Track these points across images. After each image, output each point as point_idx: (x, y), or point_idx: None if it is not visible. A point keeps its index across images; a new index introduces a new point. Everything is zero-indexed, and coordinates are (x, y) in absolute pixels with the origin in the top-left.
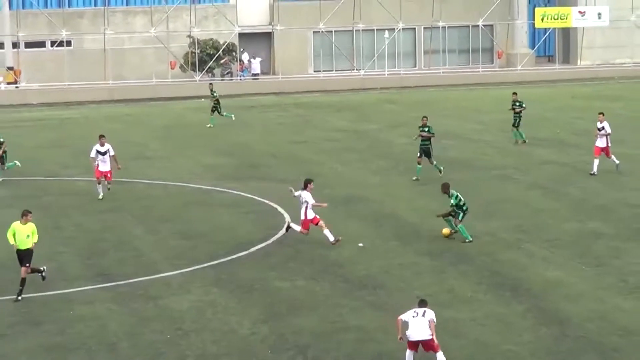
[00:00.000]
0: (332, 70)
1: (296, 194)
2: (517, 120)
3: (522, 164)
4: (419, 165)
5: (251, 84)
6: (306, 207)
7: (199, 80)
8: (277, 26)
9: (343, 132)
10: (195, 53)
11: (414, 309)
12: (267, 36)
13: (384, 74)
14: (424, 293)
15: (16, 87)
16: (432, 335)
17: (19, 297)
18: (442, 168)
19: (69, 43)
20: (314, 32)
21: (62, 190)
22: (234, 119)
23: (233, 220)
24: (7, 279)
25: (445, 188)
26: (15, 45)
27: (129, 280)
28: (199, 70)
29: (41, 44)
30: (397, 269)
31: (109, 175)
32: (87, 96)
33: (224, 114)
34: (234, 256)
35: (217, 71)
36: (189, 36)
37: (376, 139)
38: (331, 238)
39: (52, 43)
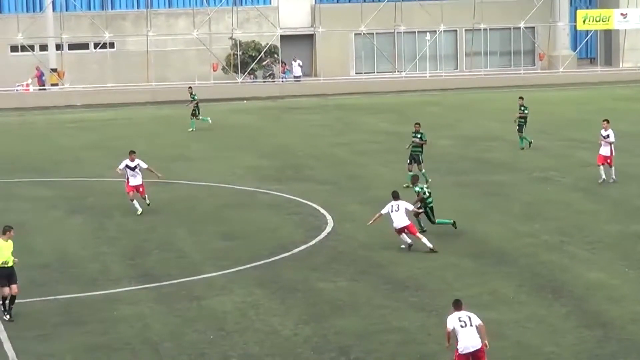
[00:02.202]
0: (374, 72)
1: (384, 211)
2: (522, 125)
3: (563, 166)
4: (409, 172)
5: (293, 86)
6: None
7: (241, 82)
8: (319, 28)
9: (384, 134)
10: (237, 55)
11: (457, 314)
12: (309, 38)
13: (426, 76)
14: (466, 294)
15: (60, 88)
16: (485, 341)
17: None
18: (429, 179)
19: (112, 45)
20: (355, 34)
21: (106, 191)
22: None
23: (275, 222)
24: (52, 278)
25: (415, 180)
26: (58, 47)
27: (172, 281)
28: (240, 72)
29: (84, 46)
30: (439, 271)
31: (141, 189)
32: (130, 98)
33: (201, 117)
34: (277, 257)
35: (259, 73)
36: (231, 38)
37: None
38: (429, 245)
39: (95, 45)
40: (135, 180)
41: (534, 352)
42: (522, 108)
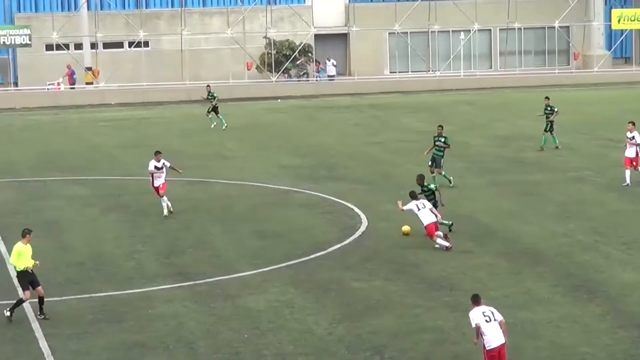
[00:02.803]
0: (408, 72)
1: (405, 208)
2: (550, 125)
3: (598, 166)
4: (432, 175)
5: (327, 85)
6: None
7: (275, 81)
8: (353, 27)
9: (419, 133)
10: (271, 54)
11: (479, 309)
12: (343, 37)
13: (460, 75)
14: (500, 294)
15: (95, 87)
16: (505, 338)
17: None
18: (451, 178)
19: (146, 44)
20: (389, 33)
21: (141, 190)
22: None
23: (310, 221)
24: (87, 276)
25: (421, 179)
26: (93, 45)
27: (207, 280)
28: (275, 71)
29: (119, 45)
30: (473, 270)
31: (161, 186)
32: (165, 96)
33: (219, 117)
34: (311, 256)
35: (293, 72)
36: (265, 37)
37: (452, 140)
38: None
39: (130, 44)
40: (159, 180)
41: (569, 352)
42: (548, 108)
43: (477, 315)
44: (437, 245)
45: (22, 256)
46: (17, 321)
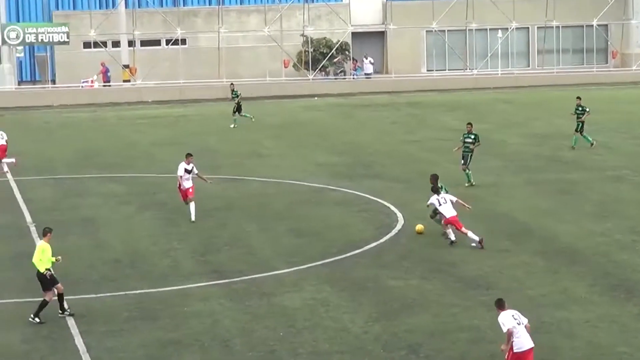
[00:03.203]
0: (445, 70)
1: (428, 202)
2: (580, 125)
3: (636, 165)
4: (465, 172)
5: (364, 83)
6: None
7: (312, 79)
8: (390, 25)
9: (456, 132)
10: (308, 52)
11: (509, 312)
12: (380, 35)
13: (497, 74)
14: (537, 293)
15: (132, 85)
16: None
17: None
18: (473, 182)
19: (183, 41)
20: (426, 31)
21: (177, 187)
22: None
23: (346, 219)
24: (123, 274)
25: (434, 180)
26: (131, 43)
27: (242, 277)
28: (312, 69)
29: (156, 42)
30: (510, 269)
31: (191, 190)
32: (202, 94)
33: (243, 114)
34: (347, 254)
35: (330, 70)
36: (303, 35)
37: (489, 139)
38: (476, 238)
39: (167, 41)
40: (187, 183)
41: (606, 352)
42: (580, 108)
43: (508, 319)
44: (473, 244)
45: (45, 255)
46: (52, 318)
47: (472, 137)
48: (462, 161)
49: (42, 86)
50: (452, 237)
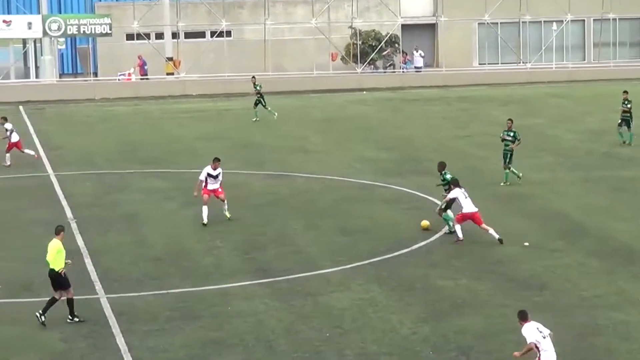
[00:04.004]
0: (498, 63)
1: (451, 195)
2: (627, 120)
3: None
4: (506, 171)
5: (414, 77)
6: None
7: (361, 73)
8: (441, 17)
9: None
10: (356, 44)
11: (533, 324)
12: (431, 27)
13: (552, 67)
14: (592, 294)
15: (175, 78)
16: None
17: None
18: (508, 182)
19: (228, 33)
20: (478, 23)
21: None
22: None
23: (394, 216)
24: (165, 272)
25: (441, 168)
26: (174, 35)
27: (287, 276)
28: (360, 62)
29: (201, 35)
30: (563, 269)
31: (220, 189)
32: (247, 88)
33: (268, 108)
34: (395, 253)
35: (379, 63)
36: (351, 27)
37: (542, 134)
38: (496, 235)
39: (212, 33)
40: (214, 184)
41: None
42: (626, 102)
43: (533, 332)
44: (526, 244)
45: (60, 255)
46: (92, 317)
47: (511, 134)
48: (503, 160)
49: (83, 79)
50: (460, 236)
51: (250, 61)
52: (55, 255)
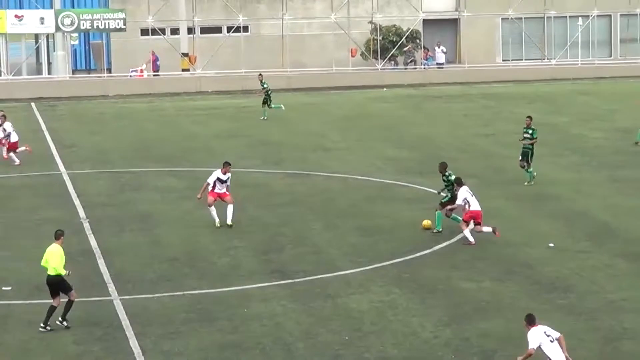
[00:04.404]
0: (522, 60)
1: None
2: None
3: None
4: (530, 170)
5: (436, 73)
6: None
7: (381, 69)
8: (464, 12)
9: (533, 125)
10: (377, 40)
11: (540, 328)
12: (453, 23)
13: (577, 64)
14: (619, 297)
15: (191, 74)
16: (566, 354)
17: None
18: (533, 181)
19: (245, 29)
20: (502, 18)
21: (238, 182)
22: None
23: (416, 217)
24: (181, 273)
25: (442, 168)
26: (190, 30)
27: (306, 278)
28: (380, 58)
29: (217, 30)
30: (590, 271)
31: (227, 193)
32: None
33: (273, 105)
34: (417, 254)
35: (400, 59)
36: (371, 22)
37: (568, 133)
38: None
39: (229, 28)
40: (221, 189)
41: None
42: None
43: (539, 335)
44: (551, 244)
45: (63, 259)
46: (106, 320)
47: (530, 132)
48: (520, 157)
49: (97, 75)
50: (472, 240)
51: (268, 57)
52: (60, 261)
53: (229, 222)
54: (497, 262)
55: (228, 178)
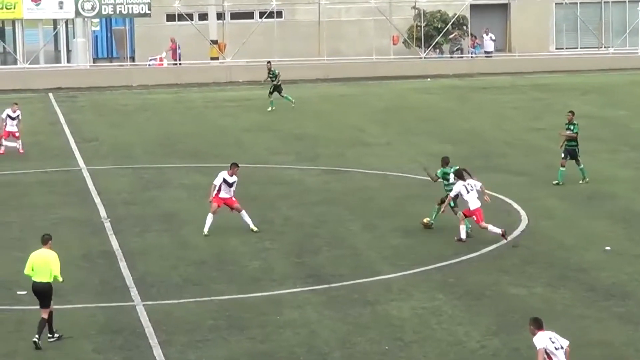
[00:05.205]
0: (577, 48)
1: (452, 193)
2: None
3: None
4: (561, 169)
5: (483, 63)
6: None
7: (425, 58)
8: None
9: (588, 119)
10: (420, 26)
11: (546, 334)
12: (503, 8)
13: (637, 52)
14: None
15: (220, 63)
16: None
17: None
18: (587, 178)
19: (279, 14)
20: (556, 3)
21: (271, 179)
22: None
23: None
24: (208, 277)
25: (445, 164)
26: (220, 16)
27: (343, 282)
28: (424, 46)
29: (249, 15)
30: None
31: (233, 199)
32: (300, 74)
33: (284, 95)
34: (463, 257)
35: (445, 47)
36: (414, 7)
37: (626, 127)
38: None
39: (261, 14)
40: (226, 193)
41: None
42: None
43: (545, 340)
44: (607, 248)
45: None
46: (128, 326)
47: (572, 127)
48: (563, 156)
49: (119, 64)
50: (463, 236)
51: (303, 45)
52: (58, 267)
53: (253, 228)
54: (549, 266)
55: (235, 182)
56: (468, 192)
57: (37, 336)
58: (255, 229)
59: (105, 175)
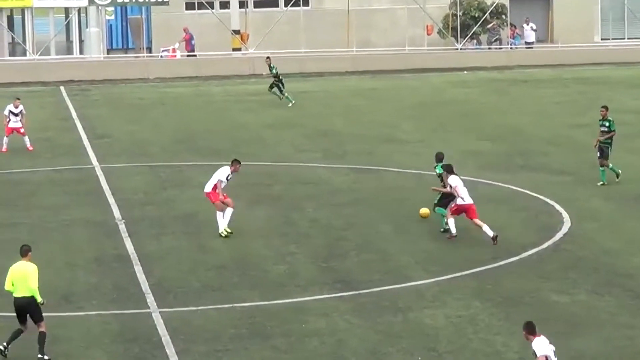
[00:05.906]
0: (624, 39)
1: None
2: None
3: None
4: (601, 168)
5: (523, 54)
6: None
7: (461, 49)
8: None
9: (635, 114)
10: (456, 16)
11: (544, 340)
12: None
13: None
14: None
15: (243, 54)
16: None
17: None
18: (619, 172)
19: (305, 2)
20: None
21: (296, 178)
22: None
23: (500, 219)
24: (229, 282)
25: (439, 159)
26: (242, 4)
27: (373, 289)
28: (461, 37)
29: (273, 3)
30: None
31: (224, 196)
32: (327, 66)
33: (285, 94)
34: (501, 262)
35: (482, 38)
36: None
37: None
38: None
39: (286, 2)
40: (224, 190)
41: None
42: None
43: (545, 346)
44: (452, 230)
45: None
46: (144, 335)
47: (607, 124)
48: (598, 154)
49: (135, 55)
50: (454, 231)
51: (331, 35)
52: (37, 281)
53: (222, 230)
54: (593, 271)
55: (231, 178)
56: (465, 185)
57: (39, 355)
58: (226, 231)
59: (120, 173)
